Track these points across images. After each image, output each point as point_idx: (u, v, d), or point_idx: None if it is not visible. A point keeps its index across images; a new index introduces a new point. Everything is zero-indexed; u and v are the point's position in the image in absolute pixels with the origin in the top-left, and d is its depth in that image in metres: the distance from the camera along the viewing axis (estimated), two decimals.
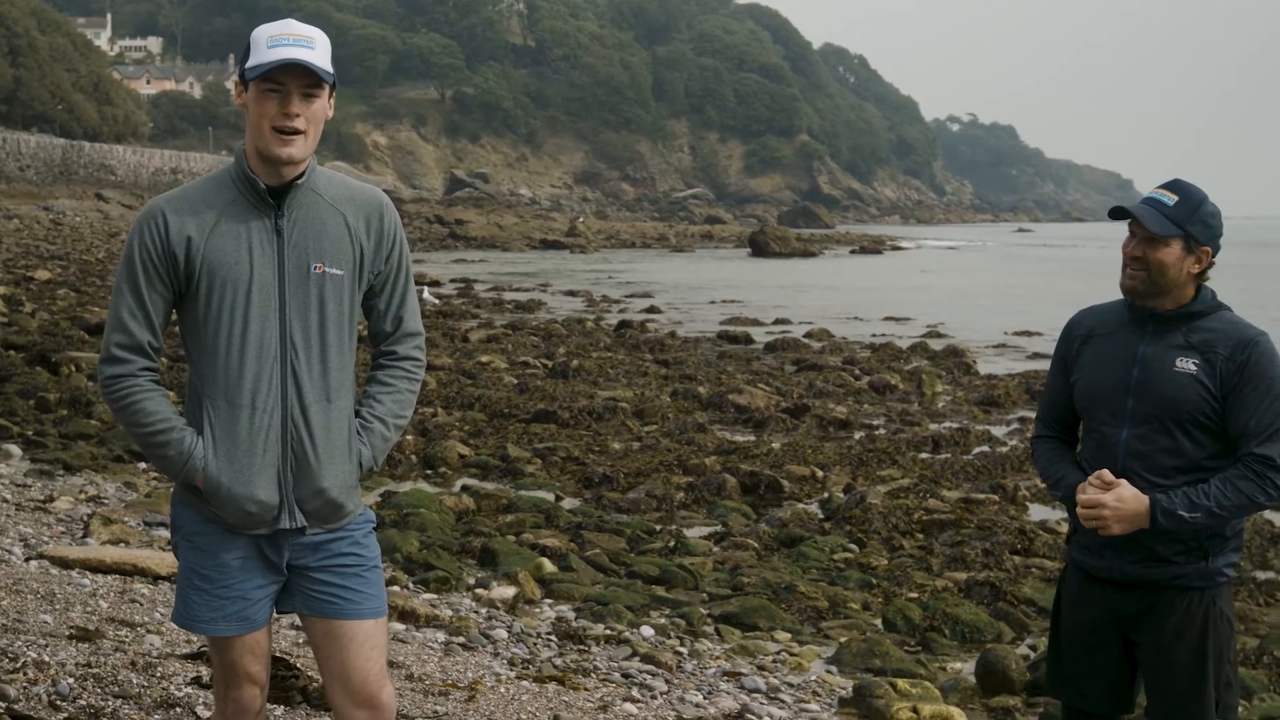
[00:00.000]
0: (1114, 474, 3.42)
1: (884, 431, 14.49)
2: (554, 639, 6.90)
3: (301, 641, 5.73)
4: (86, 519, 8.24)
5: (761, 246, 63.06)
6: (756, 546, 9.31)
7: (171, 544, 3.27)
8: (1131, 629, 3.52)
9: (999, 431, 14.67)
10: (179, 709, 4.59)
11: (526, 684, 5.71)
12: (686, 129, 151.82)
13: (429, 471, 11.79)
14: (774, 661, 6.94)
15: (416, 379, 3.25)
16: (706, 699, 6.05)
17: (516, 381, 16.90)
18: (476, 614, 7.23)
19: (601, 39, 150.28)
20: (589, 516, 10.05)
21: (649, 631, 7.16)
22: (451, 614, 7.12)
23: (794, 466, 11.96)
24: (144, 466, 10.81)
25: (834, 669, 6.90)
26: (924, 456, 12.92)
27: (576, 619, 7.37)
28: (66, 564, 6.89)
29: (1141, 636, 3.50)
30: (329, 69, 3.00)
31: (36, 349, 16.73)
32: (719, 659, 6.85)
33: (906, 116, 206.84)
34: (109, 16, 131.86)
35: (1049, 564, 8.90)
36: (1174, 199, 3.45)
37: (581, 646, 6.77)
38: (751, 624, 7.51)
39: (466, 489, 10.83)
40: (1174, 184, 3.49)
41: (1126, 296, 3.53)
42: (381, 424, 3.18)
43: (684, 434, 13.68)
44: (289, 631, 5.97)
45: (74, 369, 15.31)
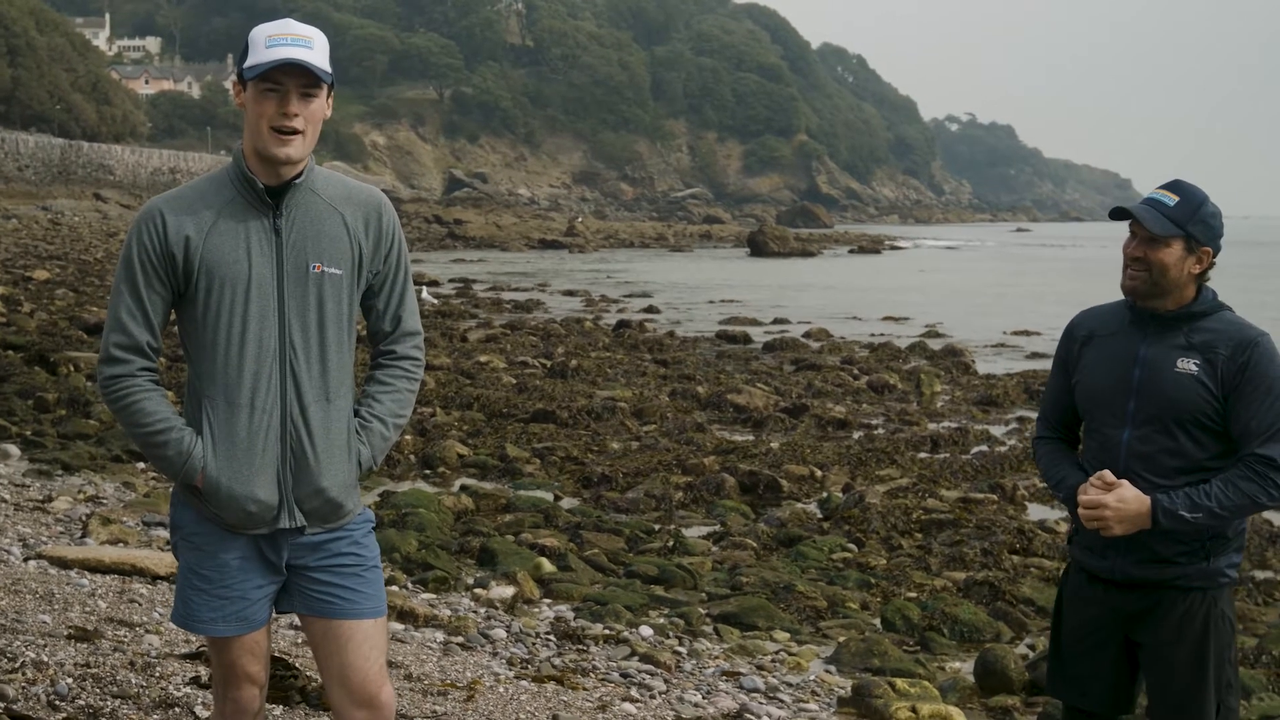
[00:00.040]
0: (1116, 475, 3.42)
1: (883, 431, 14.48)
2: (553, 639, 6.89)
3: (301, 641, 5.72)
4: (85, 519, 8.23)
5: (760, 246, 63.12)
6: (755, 546, 9.30)
7: (170, 544, 3.26)
8: (1133, 629, 3.52)
9: (997, 431, 14.67)
10: (178, 709, 4.58)
11: (525, 684, 5.71)
12: (685, 129, 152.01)
13: (428, 471, 11.78)
14: (773, 661, 6.93)
15: (415, 378, 3.25)
16: (705, 698, 6.05)
17: (515, 381, 16.88)
18: (475, 614, 7.23)
19: (600, 39, 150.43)
20: (588, 516, 10.04)
21: (648, 631, 7.15)
22: (450, 614, 7.12)
23: (793, 466, 11.94)
24: (142, 466, 10.80)
25: (833, 668, 6.89)
26: (923, 456, 12.92)
27: (575, 619, 7.36)
28: (65, 564, 6.89)
29: (1143, 637, 3.50)
30: (327, 69, 3.00)
31: (35, 349, 16.72)
32: (718, 659, 6.84)
33: (905, 116, 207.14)
34: (107, 16, 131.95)
35: (1048, 563, 8.89)
36: (1175, 199, 3.44)
37: (580, 646, 6.77)
38: (750, 624, 7.50)
39: (465, 489, 10.81)
40: (1174, 184, 3.49)
41: (1127, 297, 3.53)
42: (381, 423, 3.18)
43: (683, 434, 13.67)
44: (288, 631, 5.96)
45: (72, 369, 15.31)
